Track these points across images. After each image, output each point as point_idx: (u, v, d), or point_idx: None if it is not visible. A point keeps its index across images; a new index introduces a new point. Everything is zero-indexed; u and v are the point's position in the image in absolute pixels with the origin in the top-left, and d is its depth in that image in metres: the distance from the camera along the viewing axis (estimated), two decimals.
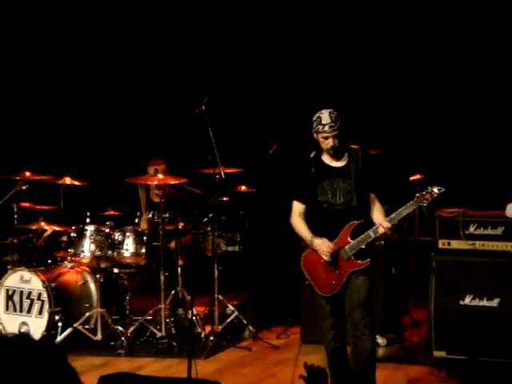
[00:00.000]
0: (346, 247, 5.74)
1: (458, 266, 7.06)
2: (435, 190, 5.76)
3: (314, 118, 5.80)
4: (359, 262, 5.74)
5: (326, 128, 5.73)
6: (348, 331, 5.86)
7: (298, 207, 5.94)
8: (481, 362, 6.93)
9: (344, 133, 5.80)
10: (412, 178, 8.31)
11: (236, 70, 9.37)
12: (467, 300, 7.04)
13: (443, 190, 5.84)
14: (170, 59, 9.61)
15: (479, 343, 6.95)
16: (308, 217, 5.90)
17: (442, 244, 7.21)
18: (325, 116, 5.76)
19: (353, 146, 5.99)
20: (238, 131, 9.19)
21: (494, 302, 6.97)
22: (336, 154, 5.82)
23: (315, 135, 5.81)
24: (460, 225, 7.11)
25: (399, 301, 7.81)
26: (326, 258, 5.75)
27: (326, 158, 5.87)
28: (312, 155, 5.91)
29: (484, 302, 7.00)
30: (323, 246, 5.75)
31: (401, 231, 7.75)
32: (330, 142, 5.77)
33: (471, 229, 7.13)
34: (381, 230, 5.68)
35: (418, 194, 5.79)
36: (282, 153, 8.32)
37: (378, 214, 5.80)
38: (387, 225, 5.67)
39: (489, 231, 7.08)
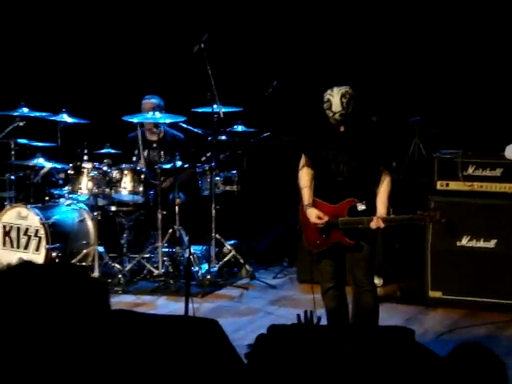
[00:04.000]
0: (340, 219, 5.55)
1: (455, 207, 7.06)
2: (437, 216, 5.56)
3: (325, 99, 5.42)
4: (347, 239, 5.55)
5: (337, 116, 5.40)
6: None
7: (307, 162, 5.70)
8: (476, 302, 6.98)
9: (357, 110, 5.42)
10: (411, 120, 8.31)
11: (237, 7, 9.24)
12: (464, 241, 7.06)
13: (444, 220, 5.66)
14: None
15: (475, 284, 6.99)
16: (314, 175, 5.70)
17: (440, 185, 7.21)
18: (335, 101, 5.36)
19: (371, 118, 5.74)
20: (237, 70, 9.09)
21: (491, 243, 6.99)
22: (347, 130, 5.51)
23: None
24: (459, 166, 7.10)
25: (396, 241, 7.81)
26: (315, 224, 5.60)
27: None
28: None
29: (481, 243, 7.02)
30: (315, 218, 5.57)
31: (400, 172, 7.73)
32: (341, 128, 5.49)
33: (470, 170, 7.12)
34: (373, 225, 5.44)
35: (419, 212, 5.56)
36: (282, 92, 8.25)
37: (380, 201, 5.50)
38: (380, 224, 5.44)
39: (487, 173, 7.08)
